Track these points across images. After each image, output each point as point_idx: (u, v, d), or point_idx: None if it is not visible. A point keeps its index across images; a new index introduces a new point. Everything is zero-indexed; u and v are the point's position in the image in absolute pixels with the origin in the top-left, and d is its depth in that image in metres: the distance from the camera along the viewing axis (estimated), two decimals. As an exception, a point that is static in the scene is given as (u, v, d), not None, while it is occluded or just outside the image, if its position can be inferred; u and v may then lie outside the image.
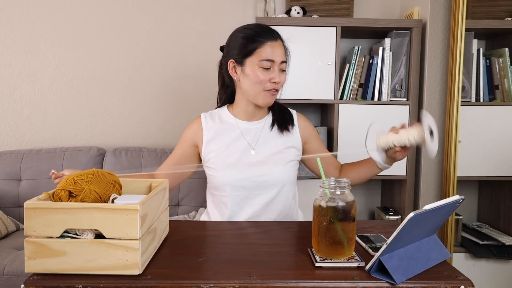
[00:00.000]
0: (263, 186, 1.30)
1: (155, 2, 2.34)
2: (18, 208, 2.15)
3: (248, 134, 1.34)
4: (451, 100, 1.93)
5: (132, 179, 1.03)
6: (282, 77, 1.28)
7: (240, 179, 1.29)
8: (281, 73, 1.27)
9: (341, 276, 0.82)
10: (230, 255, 0.93)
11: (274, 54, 1.25)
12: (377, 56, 2.02)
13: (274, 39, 1.26)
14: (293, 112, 1.42)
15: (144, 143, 2.41)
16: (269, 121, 1.37)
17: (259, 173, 1.29)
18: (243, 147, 1.32)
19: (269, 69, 1.25)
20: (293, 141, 1.36)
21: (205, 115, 1.40)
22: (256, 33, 1.27)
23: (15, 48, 2.32)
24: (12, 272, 1.67)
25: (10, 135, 2.37)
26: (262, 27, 1.29)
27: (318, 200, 0.88)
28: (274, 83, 1.26)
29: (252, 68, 1.26)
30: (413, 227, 0.80)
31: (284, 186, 1.33)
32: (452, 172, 1.94)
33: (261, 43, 1.25)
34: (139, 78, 2.38)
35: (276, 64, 1.26)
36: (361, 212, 2.44)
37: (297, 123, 1.39)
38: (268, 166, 1.30)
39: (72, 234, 0.81)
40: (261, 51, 1.25)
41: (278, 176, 1.31)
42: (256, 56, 1.25)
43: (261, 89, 1.27)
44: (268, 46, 1.25)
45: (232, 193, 1.30)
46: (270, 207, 1.32)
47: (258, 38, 1.25)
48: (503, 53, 2.04)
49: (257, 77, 1.25)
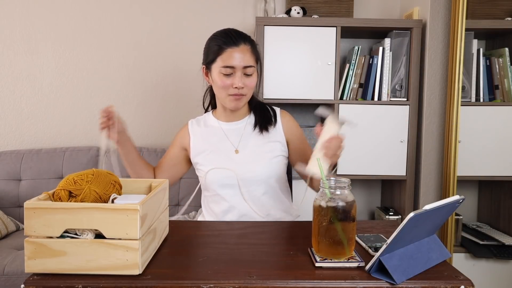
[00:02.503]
0: (250, 182, 1.33)
1: (155, 2, 2.34)
2: (18, 208, 2.15)
3: (231, 135, 1.38)
4: (451, 100, 1.93)
5: (132, 179, 1.03)
6: (247, 81, 1.28)
7: (227, 177, 1.32)
8: (245, 78, 1.28)
9: (341, 276, 0.82)
10: (230, 255, 0.93)
11: (233, 60, 1.26)
12: (377, 56, 2.03)
13: (235, 45, 1.27)
14: (276, 110, 1.43)
15: (144, 143, 2.41)
16: (251, 120, 1.40)
17: (245, 170, 1.32)
18: (227, 147, 1.36)
19: (230, 75, 1.27)
20: (277, 137, 1.38)
21: (192, 121, 1.46)
22: (219, 40, 1.29)
23: (15, 48, 2.32)
24: (12, 272, 1.67)
25: (10, 135, 2.37)
26: (226, 33, 1.31)
27: (318, 200, 0.88)
28: (236, 88, 1.27)
29: (216, 74, 1.29)
30: (413, 227, 0.80)
31: (272, 182, 1.35)
32: (452, 172, 1.94)
33: (221, 49, 1.27)
34: (139, 78, 2.38)
35: (238, 70, 1.27)
36: (361, 212, 2.44)
37: (280, 120, 1.40)
38: (253, 163, 1.33)
39: (72, 234, 0.81)
40: (221, 58, 1.27)
41: (264, 172, 1.33)
42: (218, 63, 1.28)
43: (225, 94, 1.30)
44: (228, 52, 1.26)
45: (221, 191, 1.34)
46: (260, 203, 1.34)
47: (220, 45, 1.28)
48: (503, 53, 2.04)
49: (219, 83, 1.29)
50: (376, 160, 2.07)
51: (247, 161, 1.34)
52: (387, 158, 2.06)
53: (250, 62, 1.28)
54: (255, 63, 1.32)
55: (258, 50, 1.35)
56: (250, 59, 1.29)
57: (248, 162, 1.33)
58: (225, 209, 1.35)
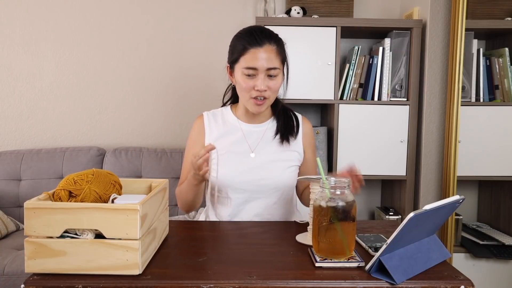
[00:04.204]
0: (264, 190, 1.29)
1: (155, 2, 2.34)
2: (18, 208, 2.15)
3: (250, 137, 1.33)
4: (451, 100, 1.93)
5: (132, 179, 1.03)
6: (271, 84, 1.22)
7: (241, 182, 1.28)
8: (269, 80, 1.22)
9: (341, 276, 0.82)
10: (230, 255, 0.93)
11: (256, 61, 1.19)
12: (377, 56, 2.02)
13: (259, 45, 1.20)
14: (299, 117, 1.39)
15: (144, 143, 2.41)
16: (272, 126, 1.35)
17: (260, 177, 1.28)
18: (244, 149, 1.32)
19: (253, 76, 1.21)
20: (296, 146, 1.35)
21: (208, 114, 1.38)
22: (242, 39, 1.23)
23: (15, 48, 2.32)
24: (12, 272, 1.67)
25: (10, 135, 2.37)
26: (250, 31, 1.24)
27: (318, 200, 0.88)
28: (258, 91, 1.21)
29: (239, 75, 1.24)
30: (413, 227, 0.80)
31: (285, 191, 1.32)
32: (452, 172, 1.94)
33: (244, 50, 1.21)
34: (139, 78, 2.38)
35: (261, 72, 1.20)
36: (361, 212, 2.44)
37: (301, 129, 1.36)
38: (269, 170, 1.29)
39: (72, 234, 0.81)
40: (244, 58, 1.21)
41: (279, 181, 1.29)
42: (241, 63, 1.22)
43: (248, 96, 1.24)
44: (251, 53, 1.20)
45: (233, 195, 1.30)
46: (270, 211, 1.31)
47: (243, 45, 1.22)
48: (503, 53, 2.04)
49: (242, 85, 1.23)
50: (376, 160, 2.07)
51: (262, 167, 1.29)
52: (387, 158, 2.06)
53: (274, 64, 1.21)
54: (281, 65, 1.24)
55: (285, 50, 1.28)
56: (275, 60, 1.22)
57: (263, 169, 1.29)
58: (235, 213, 1.31)
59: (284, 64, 1.28)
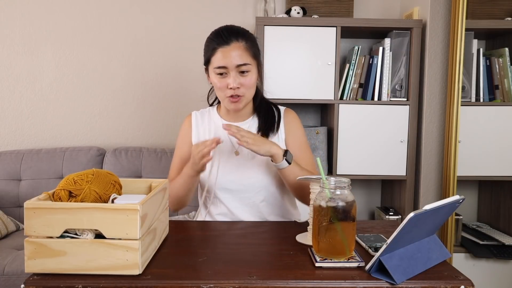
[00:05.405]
0: (250, 189, 1.29)
1: (155, 2, 2.34)
2: (18, 208, 2.15)
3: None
4: (451, 100, 1.93)
5: (131, 179, 1.03)
6: (243, 80, 1.22)
7: (227, 181, 1.29)
8: (241, 77, 1.22)
9: (341, 276, 0.82)
10: (230, 255, 0.93)
11: (225, 60, 1.21)
12: (377, 56, 2.02)
13: (226, 44, 1.21)
14: (281, 109, 1.37)
15: (144, 143, 2.41)
16: (254, 123, 1.35)
17: (245, 176, 1.29)
18: (228, 148, 1.32)
19: (225, 75, 1.23)
20: (278, 140, 1.33)
21: (196, 114, 1.40)
22: (212, 40, 1.25)
23: (15, 48, 2.32)
24: (12, 272, 1.67)
25: (10, 135, 2.37)
26: (218, 32, 1.25)
27: (318, 200, 0.88)
28: (231, 89, 1.22)
29: (213, 76, 1.26)
30: (413, 227, 0.80)
31: (272, 188, 1.31)
32: (452, 172, 1.94)
33: (214, 50, 1.23)
34: (139, 78, 2.38)
35: (231, 69, 1.21)
36: (361, 212, 2.44)
37: (282, 121, 1.35)
38: (253, 169, 1.29)
39: (72, 234, 0.81)
40: (214, 58, 1.23)
41: (264, 179, 1.29)
42: (212, 64, 1.24)
43: (223, 95, 1.26)
44: (219, 52, 1.21)
45: (221, 195, 1.31)
46: (260, 209, 1.31)
47: (212, 46, 1.23)
48: (503, 53, 2.04)
49: (216, 84, 1.25)
50: (376, 160, 2.07)
51: (246, 166, 1.30)
52: (387, 158, 2.06)
53: (244, 60, 1.22)
54: (252, 60, 1.24)
55: (257, 45, 1.29)
56: (244, 56, 1.22)
57: (247, 167, 1.29)
58: (223, 213, 1.32)
59: (257, 59, 1.28)
